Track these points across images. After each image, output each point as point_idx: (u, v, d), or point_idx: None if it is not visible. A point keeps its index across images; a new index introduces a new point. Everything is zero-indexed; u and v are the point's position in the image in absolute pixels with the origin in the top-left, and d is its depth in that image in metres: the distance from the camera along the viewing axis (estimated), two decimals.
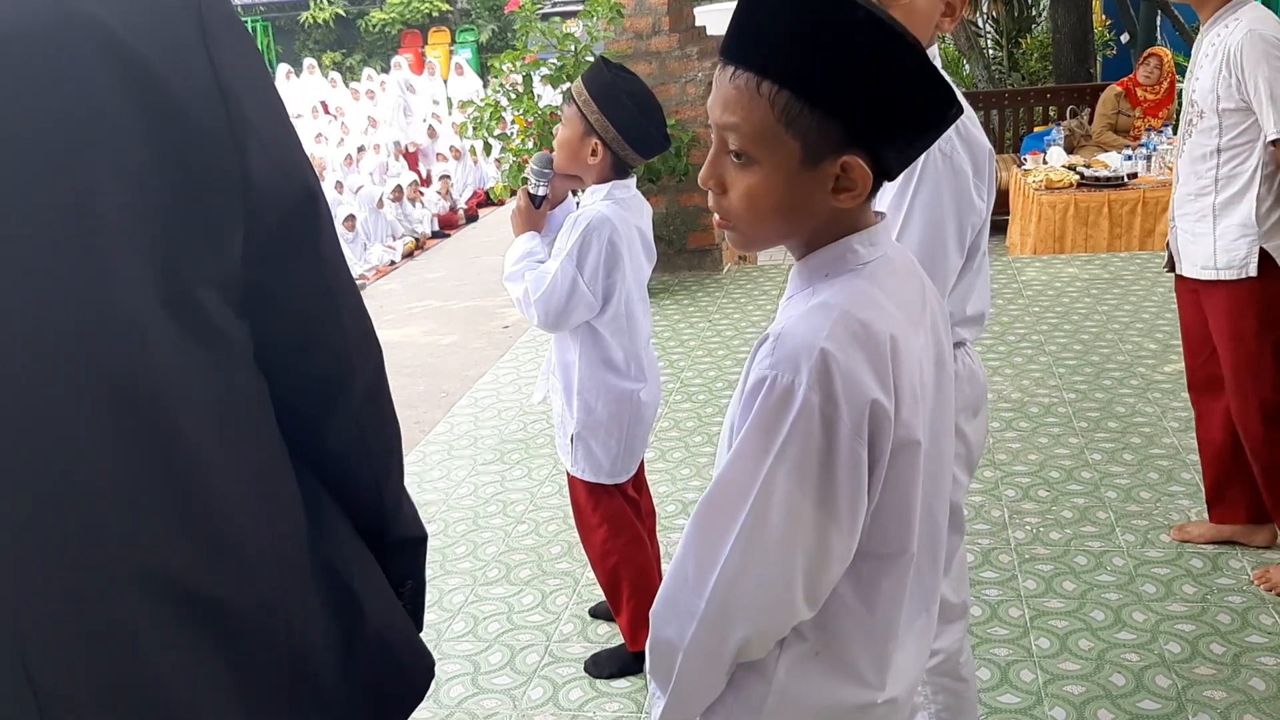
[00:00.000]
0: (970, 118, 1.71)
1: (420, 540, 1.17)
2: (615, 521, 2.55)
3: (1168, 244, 2.91)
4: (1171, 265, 2.90)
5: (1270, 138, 2.57)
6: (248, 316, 0.94)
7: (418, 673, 1.12)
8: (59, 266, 0.81)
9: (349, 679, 1.02)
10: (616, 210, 2.37)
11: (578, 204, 2.51)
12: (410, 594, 1.17)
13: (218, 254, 0.89)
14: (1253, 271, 2.66)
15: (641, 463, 2.66)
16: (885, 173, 1.07)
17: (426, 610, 3.06)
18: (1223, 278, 2.72)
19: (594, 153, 2.36)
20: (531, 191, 2.47)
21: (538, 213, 2.48)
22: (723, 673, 1.13)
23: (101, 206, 0.82)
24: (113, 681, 0.85)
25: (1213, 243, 2.72)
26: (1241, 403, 2.79)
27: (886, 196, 1.67)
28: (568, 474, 2.58)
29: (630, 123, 2.32)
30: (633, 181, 2.46)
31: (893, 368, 1.04)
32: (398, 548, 1.13)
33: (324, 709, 1.00)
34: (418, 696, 1.12)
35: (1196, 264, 2.77)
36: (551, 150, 2.46)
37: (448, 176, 11.35)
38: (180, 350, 0.87)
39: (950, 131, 1.63)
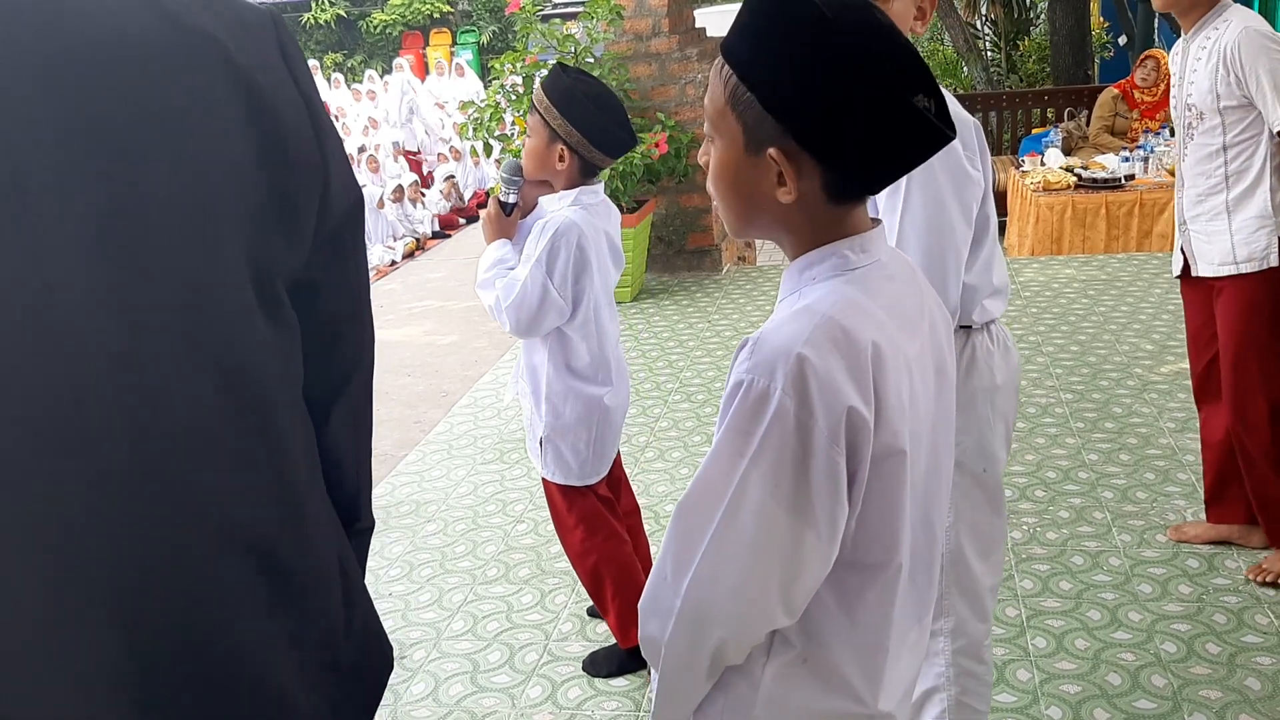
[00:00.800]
0: (951, 99, 1.74)
1: (371, 529, 1.24)
2: (591, 521, 2.58)
3: (1180, 249, 2.91)
4: (1185, 272, 2.91)
5: (1276, 129, 2.59)
6: (295, 308, 1.01)
7: (388, 655, 1.17)
8: (184, 258, 0.88)
9: (349, 654, 1.07)
10: (584, 215, 2.39)
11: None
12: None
13: (295, 250, 0.98)
14: (1274, 261, 2.70)
15: (617, 461, 2.69)
16: (845, 186, 1.06)
17: (425, 609, 3.10)
18: (1244, 270, 2.73)
19: (561, 158, 2.38)
20: (502, 199, 2.49)
21: (508, 220, 2.50)
22: (702, 672, 1.13)
23: (216, 199, 0.90)
24: (200, 638, 0.92)
25: (1229, 238, 2.74)
26: (1247, 401, 2.79)
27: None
28: (542, 477, 2.61)
29: (593, 125, 2.33)
30: (600, 186, 2.48)
31: (874, 376, 1.03)
32: (360, 536, 1.19)
33: (337, 680, 1.05)
34: (386, 676, 1.18)
35: (1214, 262, 2.79)
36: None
37: (453, 177, 11.37)
38: (267, 335, 0.95)
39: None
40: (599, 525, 2.58)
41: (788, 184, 1.06)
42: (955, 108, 1.71)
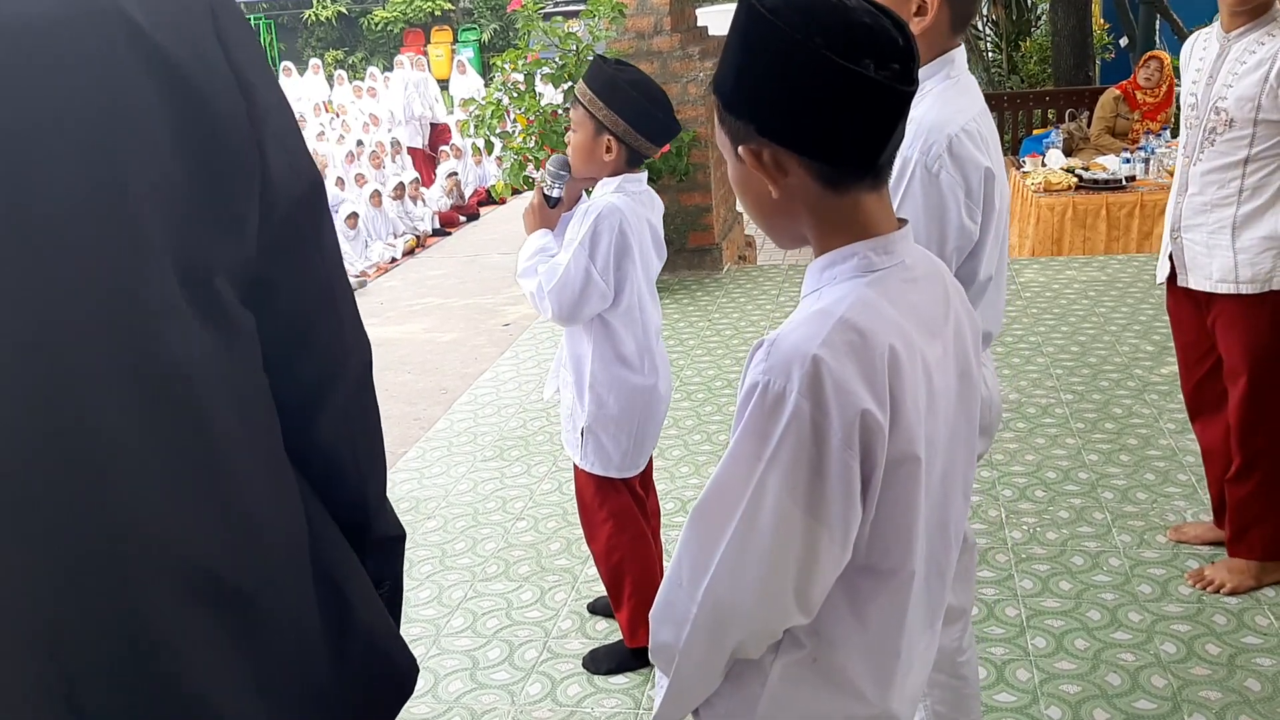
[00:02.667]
0: (973, 135, 1.65)
1: (399, 539, 1.17)
2: (621, 518, 2.56)
3: (1168, 256, 2.80)
4: (1172, 278, 2.81)
5: None
6: (251, 308, 0.94)
7: (404, 673, 1.12)
8: (95, 255, 0.82)
9: (342, 677, 1.02)
10: (627, 202, 2.38)
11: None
12: (388, 593, 1.16)
13: (234, 244, 0.90)
14: (1277, 285, 2.59)
15: (650, 460, 2.67)
16: (832, 170, 1.06)
17: (425, 606, 3.09)
18: (1244, 291, 2.63)
19: (608, 149, 2.36)
20: (546, 192, 2.48)
21: (551, 212, 2.50)
22: (718, 673, 1.14)
23: (130, 192, 0.83)
24: (141, 670, 0.85)
25: (1232, 256, 2.62)
26: (1252, 417, 2.72)
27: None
28: (575, 468, 2.59)
29: (639, 113, 2.32)
30: (644, 176, 2.47)
31: (890, 379, 1.02)
32: (377, 546, 1.13)
33: (323, 707, 1.00)
34: (403, 697, 1.12)
35: (1211, 277, 2.68)
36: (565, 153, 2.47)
37: (455, 174, 11.36)
38: (201, 337, 0.87)
39: (942, 148, 1.60)
40: (628, 523, 2.57)
41: (773, 179, 1.07)
42: (972, 152, 1.63)
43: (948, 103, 1.65)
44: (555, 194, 2.47)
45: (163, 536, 0.86)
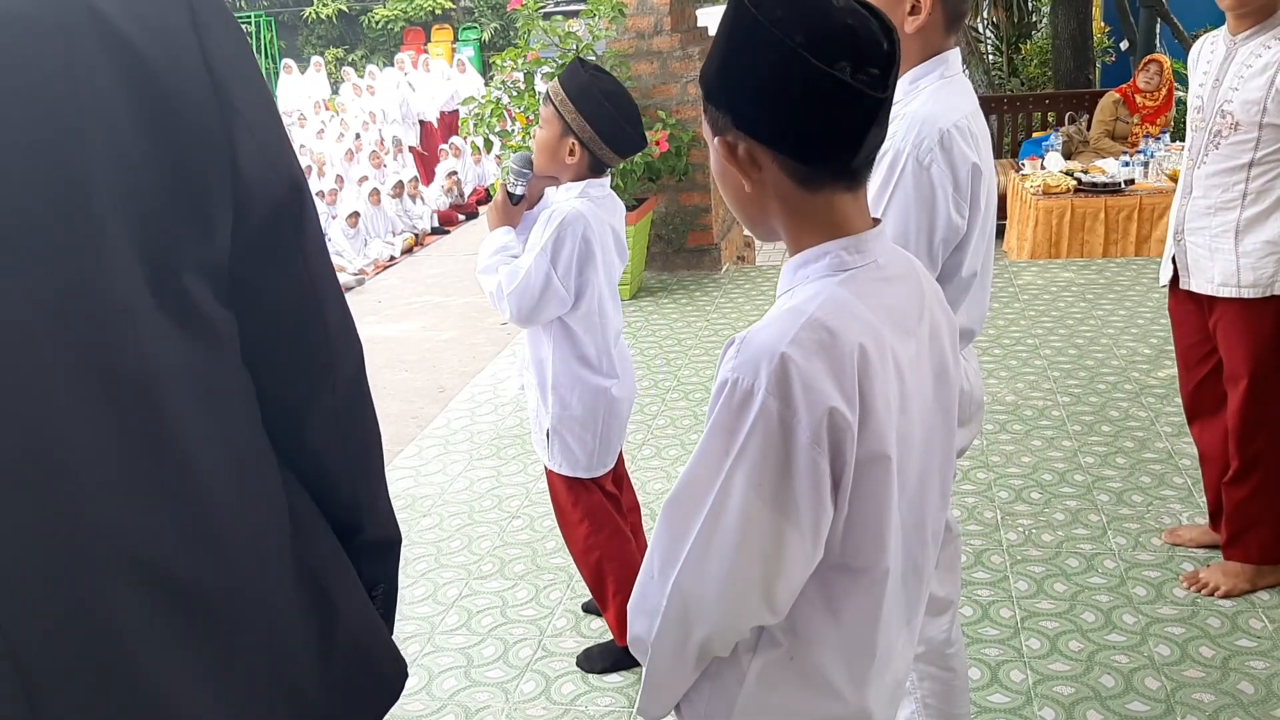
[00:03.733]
0: (964, 132, 1.66)
1: (394, 542, 1.15)
2: (596, 517, 2.57)
3: (1171, 259, 2.80)
4: (1175, 283, 2.81)
5: None
6: (233, 309, 0.93)
7: (391, 677, 1.11)
8: (52, 249, 0.80)
9: (325, 680, 1.01)
10: (591, 208, 2.39)
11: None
12: (383, 597, 1.15)
13: (206, 243, 0.89)
14: (1279, 290, 2.60)
15: (620, 458, 2.68)
16: (805, 169, 1.06)
17: (420, 603, 3.09)
18: (1245, 295, 2.63)
19: (571, 152, 2.38)
20: (510, 190, 2.49)
21: (514, 210, 2.50)
22: (689, 668, 1.14)
23: (94, 190, 0.81)
24: (97, 667, 0.84)
25: (1235, 259, 2.62)
26: (1251, 421, 2.72)
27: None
28: (546, 470, 2.60)
29: (606, 122, 2.33)
30: (607, 180, 2.48)
31: (860, 378, 1.03)
32: (371, 549, 1.11)
33: (301, 709, 0.99)
34: (391, 699, 1.11)
35: (1213, 280, 2.68)
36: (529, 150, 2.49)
37: (455, 173, 11.37)
38: (168, 337, 0.86)
39: (933, 141, 1.62)
40: (604, 521, 2.58)
41: (745, 172, 1.08)
42: (962, 147, 1.65)
43: (941, 100, 1.67)
44: (519, 191, 2.49)
45: (115, 532, 0.84)
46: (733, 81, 1.06)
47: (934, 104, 1.67)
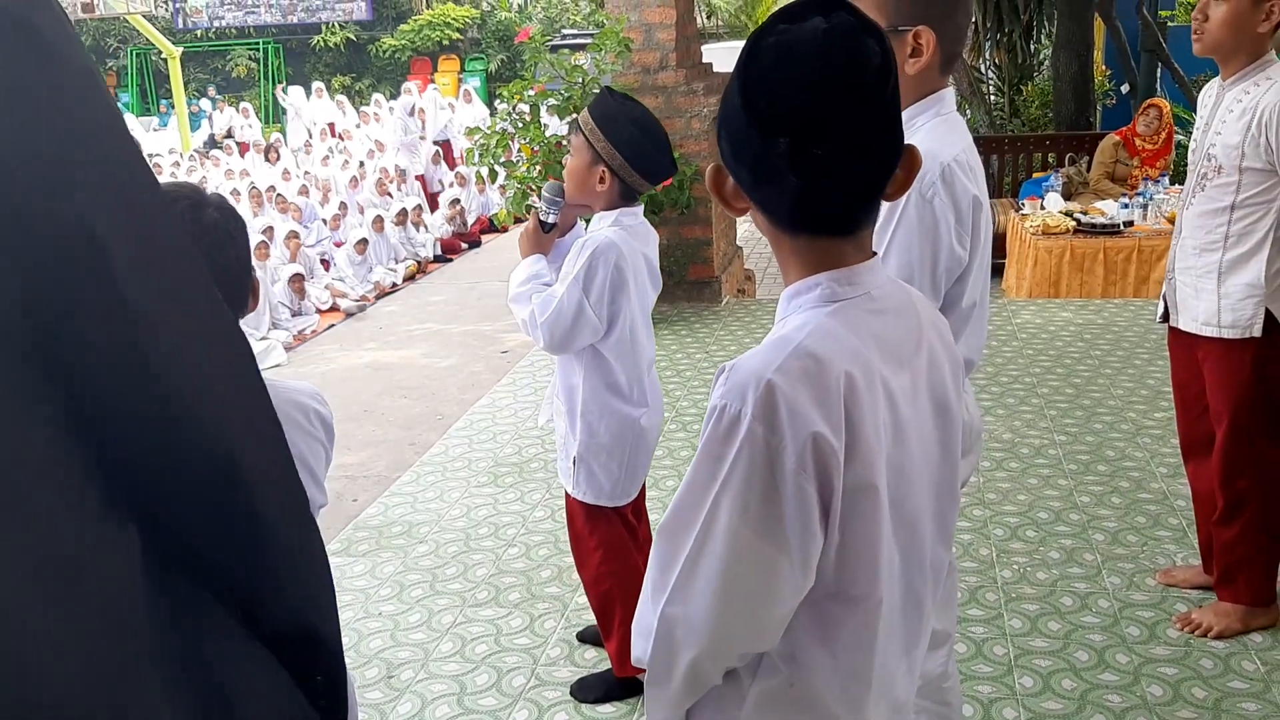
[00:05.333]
0: (964, 165, 1.71)
1: (314, 640, 0.95)
2: (611, 547, 2.57)
3: (1163, 295, 2.87)
4: (1166, 317, 2.87)
5: None
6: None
7: None
8: None
9: None
10: (624, 236, 2.41)
11: (585, 229, 2.56)
12: (324, 689, 0.97)
13: None
14: (1257, 332, 2.62)
15: (643, 489, 2.68)
16: (783, 218, 1.11)
17: (414, 630, 3.09)
18: (1225, 336, 2.67)
19: (601, 180, 2.40)
20: (541, 218, 2.52)
21: (546, 238, 2.53)
22: (681, 690, 1.14)
23: None
24: None
25: (1216, 300, 2.67)
26: (1234, 461, 2.74)
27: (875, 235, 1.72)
28: (567, 496, 2.61)
29: (636, 150, 2.36)
30: (640, 209, 2.51)
31: (847, 406, 1.04)
32: (278, 643, 0.91)
33: None
34: None
35: (1197, 319, 2.73)
36: (561, 179, 2.51)
37: (458, 201, 11.43)
38: None
39: (935, 175, 1.66)
40: (619, 552, 2.58)
41: (728, 207, 1.14)
42: (963, 180, 1.69)
43: (940, 136, 1.72)
44: (551, 220, 2.51)
45: None
46: (721, 125, 1.10)
47: (934, 139, 1.71)
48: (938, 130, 1.74)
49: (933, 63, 1.74)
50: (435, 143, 14.11)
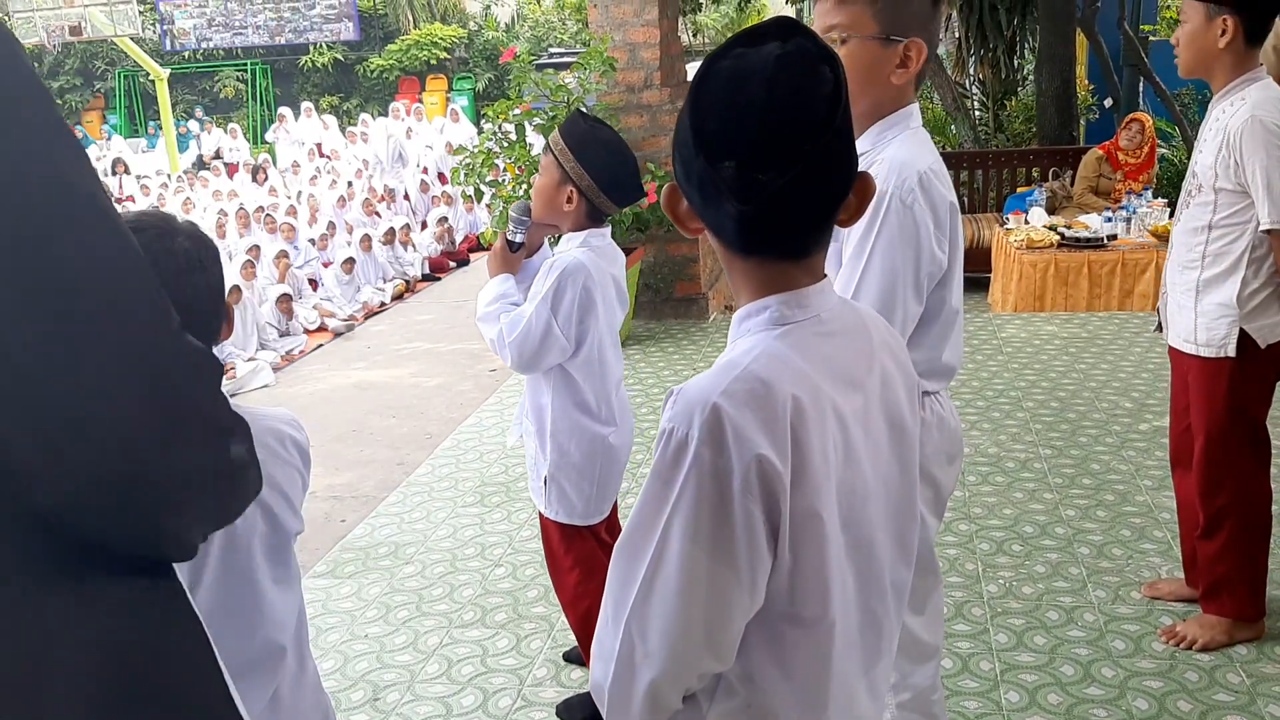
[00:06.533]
0: (938, 174, 1.76)
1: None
2: (588, 564, 2.58)
3: (1158, 308, 2.92)
4: (1161, 328, 2.91)
5: (1264, 227, 2.54)
6: None
7: None
8: None
9: None
10: (592, 257, 2.43)
11: (553, 250, 2.57)
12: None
13: None
14: (1231, 352, 2.64)
15: (615, 506, 2.69)
16: (732, 241, 1.11)
17: (401, 652, 3.08)
18: (1202, 354, 2.70)
19: (569, 200, 2.42)
20: (509, 238, 2.53)
21: (514, 257, 2.54)
22: (642, 715, 1.13)
23: None
24: None
25: (1194, 318, 2.70)
26: (1212, 477, 2.77)
27: (851, 242, 1.74)
28: (541, 516, 2.61)
29: (605, 172, 2.38)
30: (608, 230, 2.53)
31: (793, 429, 1.05)
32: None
33: None
34: None
35: (1180, 335, 2.77)
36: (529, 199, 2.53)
37: (446, 220, 11.44)
38: None
39: (914, 182, 1.71)
40: (595, 570, 2.58)
41: (683, 227, 1.14)
42: (939, 187, 1.75)
43: (912, 147, 1.78)
44: (518, 239, 2.53)
45: None
46: (674, 150, 1.11)
47: (908, 150, 1.77)
48: (909, 142, 1.79)
49: (916, 75, 1.78)
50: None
